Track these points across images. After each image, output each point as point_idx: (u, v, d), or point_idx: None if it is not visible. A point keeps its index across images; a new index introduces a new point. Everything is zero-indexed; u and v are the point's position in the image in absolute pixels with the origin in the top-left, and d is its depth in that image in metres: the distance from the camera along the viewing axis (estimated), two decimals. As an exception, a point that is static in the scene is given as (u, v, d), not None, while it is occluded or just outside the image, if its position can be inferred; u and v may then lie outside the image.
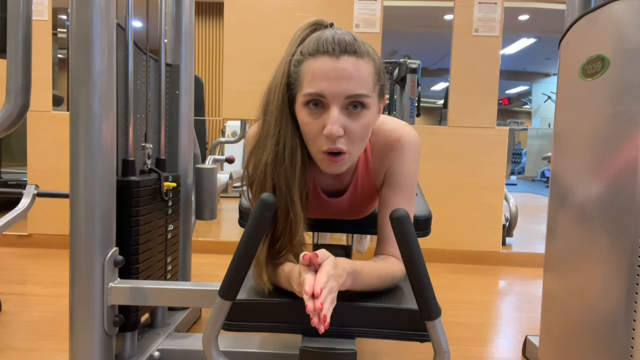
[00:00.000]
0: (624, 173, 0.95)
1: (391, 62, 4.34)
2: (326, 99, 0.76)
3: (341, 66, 0.75)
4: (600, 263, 1.00)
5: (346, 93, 0.75)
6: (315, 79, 0.76)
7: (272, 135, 0.82)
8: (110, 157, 1.10)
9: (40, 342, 1.51)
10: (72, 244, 1.09)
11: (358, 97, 0.76)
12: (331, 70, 0.75)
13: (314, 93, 0.76)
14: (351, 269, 0.74)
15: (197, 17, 6.63)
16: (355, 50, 0.76)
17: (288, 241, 0.83)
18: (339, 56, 0.75)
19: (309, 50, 0.78)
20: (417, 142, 0.92)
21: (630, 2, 0.95)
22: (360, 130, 0.79)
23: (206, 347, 0.76)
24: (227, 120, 5.50)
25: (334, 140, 0.77)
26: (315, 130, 0.78)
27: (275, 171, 0.82)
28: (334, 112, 0.76)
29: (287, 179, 0.81)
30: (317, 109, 0.78)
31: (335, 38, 0.76)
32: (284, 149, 0.81)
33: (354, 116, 0.78)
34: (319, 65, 0.76)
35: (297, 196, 0.82)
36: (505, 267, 2.71)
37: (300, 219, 0.82)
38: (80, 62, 1.05)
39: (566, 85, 1.16)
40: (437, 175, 2.69)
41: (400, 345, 1.57)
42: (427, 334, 0.72)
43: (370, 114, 0.80)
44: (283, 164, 0.81)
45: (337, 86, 0.75)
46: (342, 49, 0.75)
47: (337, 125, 0.75)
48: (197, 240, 2.77)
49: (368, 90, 0.77)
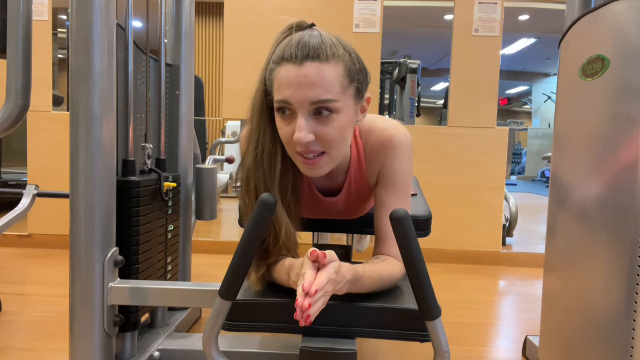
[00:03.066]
0: (624, 173, 0.95)
1: (391, 62, 4.34)
2: (292, 106, 0.76)
3: (303, 73, 0.74)
4: (600, 263, 1.00)
5: (310, 99, 0.75)
6: (281, 86, 0.77)
7: (252, 139, 0.85)
8: (110, 157, 1.10)
9: (40, 342, 1.51)
10: (72, 244, 1.09)
11: (323, 103, 0.76)
12: (294, 77, 0.75)
13: (280, 100, 0.77)
14: (352, 276, 0.74)
15: (197, 17, 6.63)
16: (319, 55, 0.75)
17: (273, 242, 0.84)
18: (301, 63, 0.75)
19: (275, 57, 0.79)
20: (409, 140, 0.92)
21: (630, 2, 0.95)
22: (332, 134, 0.78)
23: (206, 347, 0.76)
24: (227, 120, 5.50)
25: (304, 145, 0.78)
26: (288, 135, 0.79)
27: (255, 174, 0.84)
28: (301, 120, 0.76)
29: (266, 182, 0.84)
30: (287, 115, 0.79)
31: (300, 43, 0.76)
32: (262, 152, 0.84)
33: (323, 121, 0.77)
34: (283, 73, 0.76)
35: (277, 198, 0.83)
36: (505, 267, 2.71)
37: (282, 220, 0.84)
38: (80, 62, 1.05)
39: (566, 85, 1.16)
40: (437, 175, 2.69)
41: (401, 345, 1.57)
42: (427, 334, 0.72)
43: (343, 117, 0.79)
44: (262, 167, 0.84)
45: (300, 93, 0.75)
46: (305, 55, 0.75)
47: (304, 131, 0.75)
48: (197, 240, 2.77)
49: (335, 94, 0.76)
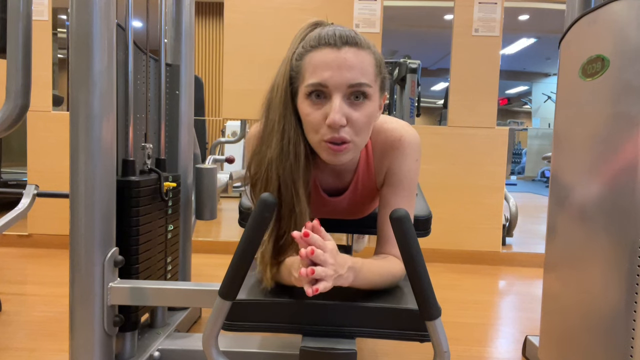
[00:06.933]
0: (624, 173, 0.95)
1: (391, 62, 4.33)
2: (328, 88, 0.76)
3: (343, 56, 0.76)
4: (600, 263, 1.00)
5: (348, 82, 0.76)
6: (318, 69, 0.77)
7: (277, 131, 0.82)
8: (110, 157, 1.10)
9: (40, 342, 1.51)
10: (72, 244, 1.09)
11: (360, 87, 0.77)
12: (333, 59, 0.76)
13: (316, 83, 0.77)
14: (352, 264, 0.74)
15: (197, 17, 6.63)
16: (357, 42, 0.77)
17: (292, 238, 0.82)
18: (341, 47, 0.76)
19: (310, 43, 0.79)
20: (418, 142, 0.92)
21: (630, 2, 0.95)
22: (362, 120, 0.79)
23: (206, 347, 0.76)
24: (227, 120, 5.49)
25: (337, 129, 0.77)
26: (317, 121, 0.78)
27: (281, 166, 0.81)
28: (337, 100, 0.76)
29: (292, 173, 0.81)
30: (319, 99, 0.78)
31: (336, 32, 0.78)
32: (289, 143, 0.81)
33: (356, 106, 0.78)
34: (321, 56, 0.77)
35: (302, 190, 0.82)
36: (505, 267, 2.71)
37: (306, 213, 0.82)
38: (80, 62, 1.05)
39: (566, 85, 1.16)
40: (437, 175, 2.69)
41: (401, 345, 1.57)
42: (427, 334, 0.72)
43: (372, 106, 0.80)
44: (288, 158, 0.81)
45: (339, 75, 0.75)
46: (344, 41, 0.76)
47: (339, 114, 0.75)
48: (197, 240, 2.77)
49: (370, 80, 0.78)
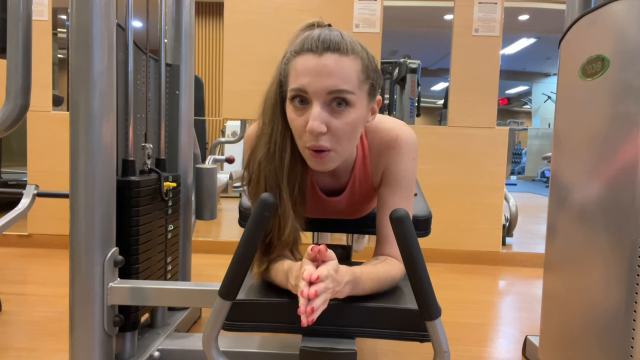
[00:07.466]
0: (624, 173, 0.95)
1: (391, 62, 4.33)
2: (308, 94, 0.76)
3: (323, 62, 0.75)
4: (600, 263, 1.00)
5: (327, 88, 0.75)
6: (298, 75, 0.77)
7: (266, 134, 0.84)
8: (110, 157, 1.10)
9: (40, 342, 1.51)
10: (72, 244, 1.09)
11: (340, 93, 0.76)
12: (313, 66, 0.76)
13: (296, 89, 0.77)
14: (350, 277, 0.74)
15: (197, 17, 6.63)
16: (339, 48, 0.76)
17: (276, 237, 0.83)
18: (322, 53, 0.76)
19: (295, 48, 0.79)
20: (415, 141, 0.92)
21: (630, 2, 0.95)
22: (344, 128, 0.78)
23: (206, 347, 0.76)
24: (227, 120, 5.49)
25: (316, 137, 0.77)
26: (300, 127, 0.79)
27: (266, 168, 0.83)
28: (316, 108, 0.76)
29: (277, 176, 0.83)
30: (302, 105, 0.78)
31: (320, 36, 0.77)
32: (275, 146, 0.83)
33: (337, 114, 0.77)
34: (302, 62, 0.77)
35: (286, 193, 0.83)
36: (505, 267, 2.71)
37: (289, 216, 0.83)
38: (80, 62, 1.05)
39: (566, 85, 1.16)
40: (437, 175, 2.69)
41: (401, 345, 1.57)
42: (427, 334, 0.72)
43: (356, 113, 0.79)
44: (273, 161, 0.83)
45: (318, 81, 0.75)
46: (326, 47, 0.76)
47: (317, 121, 0.75)
48: (197, 240, 2.77)
49: (352, 86, 0.77)
